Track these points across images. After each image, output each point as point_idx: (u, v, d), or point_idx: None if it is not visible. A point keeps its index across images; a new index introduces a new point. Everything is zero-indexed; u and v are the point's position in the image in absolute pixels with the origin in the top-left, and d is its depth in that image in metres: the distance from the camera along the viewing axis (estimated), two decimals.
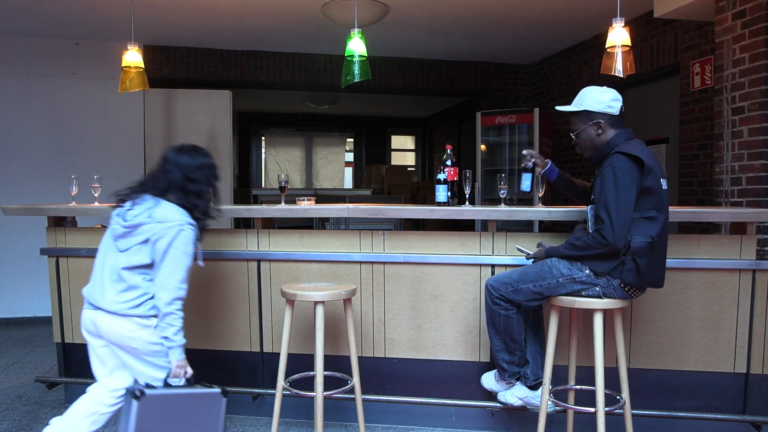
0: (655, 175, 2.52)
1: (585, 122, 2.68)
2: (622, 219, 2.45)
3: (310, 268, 3.27)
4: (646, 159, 2.49)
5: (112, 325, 2.39)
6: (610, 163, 2.52)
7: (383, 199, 7.94)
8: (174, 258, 2.36)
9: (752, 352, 3.01)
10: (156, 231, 2.37)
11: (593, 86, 2.71)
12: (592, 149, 2.70)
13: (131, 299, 2.39)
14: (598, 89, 2.68)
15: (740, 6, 3.71)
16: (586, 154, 2.76)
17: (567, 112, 2.74)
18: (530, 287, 2.67)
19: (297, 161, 12.06)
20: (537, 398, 2.80)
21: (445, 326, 3.20)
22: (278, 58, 6.75)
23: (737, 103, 3.76)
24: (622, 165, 2.49)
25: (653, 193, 2.51)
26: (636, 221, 2.50)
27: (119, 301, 2.38)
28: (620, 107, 2.66)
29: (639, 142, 2.64)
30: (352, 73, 3.50)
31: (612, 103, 2.64)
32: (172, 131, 6.15)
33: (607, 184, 2.49)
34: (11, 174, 5.70)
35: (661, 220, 2.53)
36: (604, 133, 2.65)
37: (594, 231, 2.53)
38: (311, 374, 2.78)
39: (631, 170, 2.48)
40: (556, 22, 5.48)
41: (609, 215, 2.46)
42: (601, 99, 2.64)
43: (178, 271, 2.37)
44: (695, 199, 4.62)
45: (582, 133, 2.70)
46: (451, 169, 3.31)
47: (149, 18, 5.25)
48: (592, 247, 2.53)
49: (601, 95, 2.65)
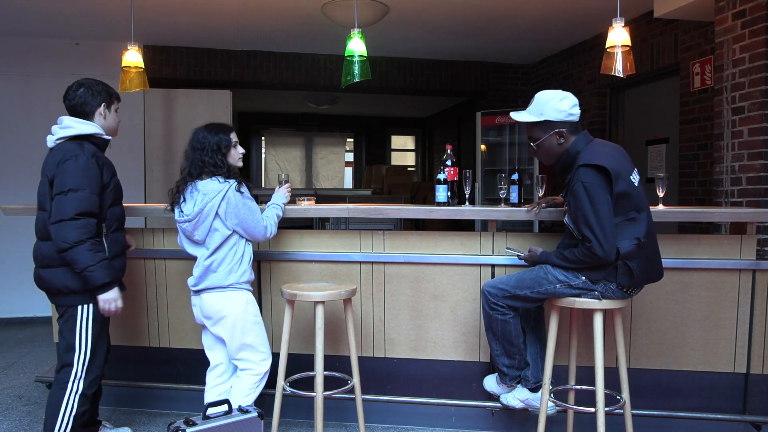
0: (624, 176, 2.47)
1: (546, 131, 2.60)
2: (607, 232, 2.42)
3: (310, 268, 3.27)
4: (610, 165, 2.43)
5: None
6: (578, 178, 2.46)
7: (383, 199, 7.93)
8: (241, 212, 2.75)
9: (752, 352, 3.01)
10: (214, 204, 2.72)
11: (549, 91, 2.63)
12: (554, 158, 2.64)
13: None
14: (556, 96, 2.59)
15: (740, 6, 3.71)
16: (548, 162, 2.69)
17: (525, 123, 2.65)
18: (527, 293, 2.65)
19: (297, 161, 12.06)
20: (538, 401, 2.80)
21: (445, 326, 3.20)
22: (278, 58, 6.75)
23: (737, 103, 3.76)
24: (590, 178, 2.43)
25: (628, 196, 2.47)
26: (619, 226, 2.47)
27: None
28: (579, 112, 2.60)
29: (600, 143, 2.60)
30: (352, 73, 3.50)
31: (573, 110, 2.57)
32: (172, 131, 6.16)
33: (581, 202, 2.44)
34: (11, 174, 5.70)
35: (643, 219, 2.50)
36: (566, 142, 2.59)
37: (583, 247, 2.49)
38: (311, 374, 2.78)
39: (600, 181, 2.43)
40: (556, 22, 5.48)
41: (593, 232, 2.42)
42: (561, 108, 2.56)
43: (252, 217, 2.78)
44: (695, 199, 4.62)
45: (543, 143, 2.62)
46: (451, 169, 3.31)
47: (149, 18, 5.25)
48: (585, 262, 2.51)
49: (560, 103, 2.57)
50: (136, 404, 3.47)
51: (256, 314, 2.88)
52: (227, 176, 2.79)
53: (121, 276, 2.78)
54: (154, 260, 3.37)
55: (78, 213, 2.50)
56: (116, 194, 2.74)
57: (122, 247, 2.80)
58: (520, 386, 2.86)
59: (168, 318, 3.40)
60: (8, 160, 5.74)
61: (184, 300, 3.37)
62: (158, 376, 3.44)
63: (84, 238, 2.50)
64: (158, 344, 3.43)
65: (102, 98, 2.74)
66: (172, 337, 3.41)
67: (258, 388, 2.86)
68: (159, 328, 3.42)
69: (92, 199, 2.55)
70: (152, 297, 3.40)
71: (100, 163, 2.63)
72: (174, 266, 3.36)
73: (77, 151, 2.58)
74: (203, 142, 2.80)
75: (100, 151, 2.72)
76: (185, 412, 3.11)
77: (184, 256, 3.34)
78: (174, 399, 3.42)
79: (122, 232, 2.80)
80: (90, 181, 2.55)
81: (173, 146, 6.15)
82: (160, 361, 3.43)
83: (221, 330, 2.83)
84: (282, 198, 3.05)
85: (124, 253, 2.82)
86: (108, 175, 2.67)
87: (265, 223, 2.85)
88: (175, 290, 3.37)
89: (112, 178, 2.70)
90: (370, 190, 8.93)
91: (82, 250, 2.50)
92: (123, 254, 2.81)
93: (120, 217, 2.78)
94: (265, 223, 2.85)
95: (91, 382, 2.65)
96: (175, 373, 3.43)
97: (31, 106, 5.83)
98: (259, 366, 2.86)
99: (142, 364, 3.44)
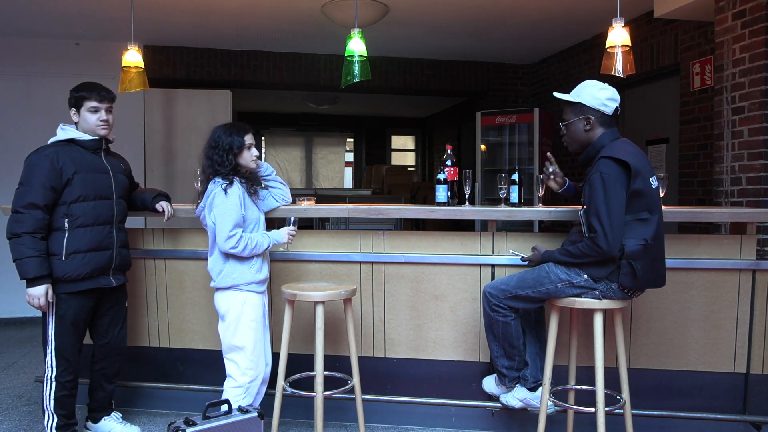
0: (644, 176, 2.48)
1: (577, 114, 2.65)
2: (614, 226, 2.43)
3: (310, 268, 3.27)
4: (632, 161, 2.45)
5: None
6: (598, 169, 2.48)
7: (383, 199, 7.93)
8: (215, 211, 2.75)
9: (752, 352, 3.01)
10: (208, 202, 2.81)
11: (595, 81, 2.68)
12: (578, 144, 2.68)
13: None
14: (598, 85, 2.64)
15: (740, 6, 3.71)
16: (572, 148, 2.73)
17: (562, 101, 2.71)
18: (529, 293, 2.66)
19: (297, 161, 12.06)
20: (536, 400, 2.80)
21: (445, 326, 3.20)
22: (278, 58, 6.75)
23: (737, 103, 3.76)
24: (609, 171, 2.45)
25: (643, 195, 2.48)
26: (629, 224, 2.48)
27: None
28: (615, 108, 2.63)
29: (626, 142, 2.62)
30: (352, 73, 3.50)
31: (608, 102, 2.61)
32: (172, 131, 6.16)
33: (596, 192, 2.46)
34: (11, 174, 5.66)
35: (654, 221, 2.50)
36: (592, 130, 2.62)
37: (587, 239, 2.50)
38: (311, 374, 2.78)
39: (619, 175, 2.45)
40: (556, 22, 5.48)
41: (601, 223, 2.43)
42: (598, 95, 2.61)
43: (221, 220, 2.74)
44: (695, 199, 4.61)
45: (571, 125, 2.67)
46: (451, 169, 3.31)
47: (149, 18, 5.25)
48: (588, 255, 2.51)
49: (599, 92, 2.62)
50: (136, 404, 3.47)
51: (254, 318, 2.83)
52: (226, 175, 2.80)
53: (88, 270, 2.77)
54: (154, 260, 3.37)
55: (21, 206, 2.67)
56: (84, 190, 2.77)
57: (93, 242, 2.79)
58: (519, 386, 2.86)
59: (168, 318, 3.40)
60: (8, 160, 5.72)
61: (184, 300, 3.37)
62: (158, 376, 3.44)
63: (19, 232, 2.66)
64: (158, 344, 3.43)
65: (70, 104, 2.88)
66: (172, 337, 3.41)
67: (244, 401, 2.80)
68: (159, 328, 3.42)
69: (37, 192, 2.67)
70: (152, 297, 3.40)
71: (61, 161, 2.73)
72: (174, 266, 3.36)
73: (36, 151, 2.78)
74: (217, 141, 2.83)
75: (90, 152, 2.86)
76: (185, 412, 3.11)
77: (184, 256, 3.34)
78: (174, 399, 3.42)
79: (92, 228, 2.79)
80: (36, 177, 2.69)
81: (173, 146, 6.15)
82: (160, 361, 3.43)
83: (219, 328, 2.85)
84: (279, 237, 2.88)
85: (99, 249, 2.82)
86: (71, 171, 2.74)
87: (235, 235, 2.72)
88: (175, 290, 3.37)
89: (76, 174, 2.75)
90: (370, 190, 8.94)
91: (14, 242, 2.67)
92: (97, 250, 2.81)
93: (89, 213, 2.79)
94: (237, 236, 2.73)
95: (63, 371, 2.79)
96: (175, 373, 3.43)
97: (31, 106, 5.83)
98: (241, 375, 2.81)
99: (142, 364, 3.44)
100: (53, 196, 2.71)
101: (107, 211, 2.86)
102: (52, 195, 2.70)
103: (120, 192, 2.93)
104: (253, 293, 2.85)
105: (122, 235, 2.96)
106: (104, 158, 2.91)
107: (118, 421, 3.08)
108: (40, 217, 2.67)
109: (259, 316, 2.87)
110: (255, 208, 2.90)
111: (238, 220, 2.76)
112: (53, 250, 2.72)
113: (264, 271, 2.88)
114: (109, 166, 2.90)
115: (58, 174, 2.71)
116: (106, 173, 2.87)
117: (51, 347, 2.78)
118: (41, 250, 2.67)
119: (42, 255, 2.67)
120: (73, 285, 2.76)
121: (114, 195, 2.89)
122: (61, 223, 2.74)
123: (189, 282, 3.35)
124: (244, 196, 2.82)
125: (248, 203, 2.85)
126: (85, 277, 2.77)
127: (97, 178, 2.83)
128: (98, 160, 2.87)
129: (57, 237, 2.73)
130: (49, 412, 2.78)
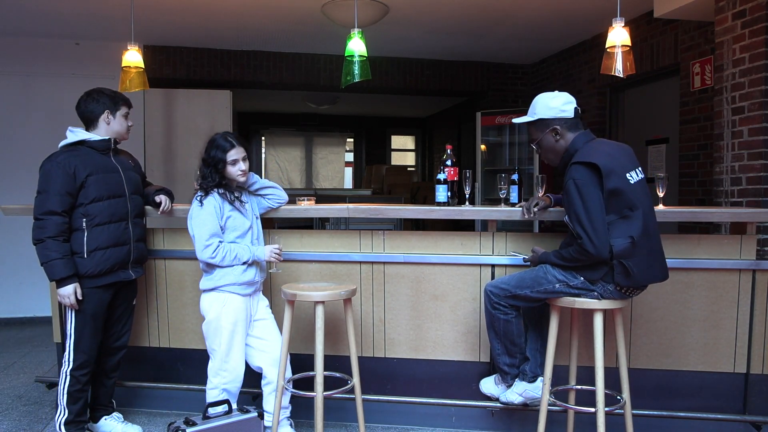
0: (618, 173, 2.47)
1: (542, 130, 2.66)
2: (597, 229, 2.43)
3: (310, 268, 3.27)
4: (602, 162, 2.44)
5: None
6: (570, 175, 2.49)
7: (383, 199, 7.94)
8: (190, 222, 2.84)
9: (752, 352, 3.01)
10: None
11: (545, 93, 2.69)
12: (557, 156, 2.68)
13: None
14: (548, 95, 2.66)
15: (740, 6, 3.71)
16: (554, 163, 2.73)
17: (525, 124, 2.73)
18: (528, 293, 2.67)
19: (297, 161, 12.06)
20: (537, 390, 2.80)
21: (445, 326, 3.20)
22: (278, 58, 6.75)
23: (737, 103, 3.76)
24: (580, 175, 2.46)
25: (620, 193, 2.46)
26: (613, 224, 2.47)
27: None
28: (574, 109, 2.63)
29: (600, 142, 2.62)
30: (352, 73, 3.50)
31: (564, 106, 2.61)
32: (172, 131, 6.15)
33: (572, 198, 2.47)
34: (11, 174, 5.69)
35: (638, 217, 2.48)
36: (562, 138, 2.63)
37: (576, 245, 2.51)
38: (311, 374, 2.78)
39: (590, 178, 2.45)
40: (556, 22, 5.48)
41: (584, 229, 2.44)
42: (552, 105, 2.62)
43: (197, 231, 2.80)
44: (695, 199, 4.62)
45: (542, 141, 2.68)
46: (451, 169, 3.31)
47: (149, 18, 5.25)
48: (578, 259, 2.52)
49: (552, 101, 2.63)
50: (136, 404, 3.47)
51: (233, 321, 2.84)
52: (207, 188, 2.85)
53: (108, 266, 2.87)
54: (154, 260, 3.37)
55: (41, 213, 2.77)
56: (98, 191, 2.86)
57: (111, 239, 2.89)
58: (518, 380, 2.87)
59: (168, 318, 3.40)
60: (8, 160, 5.74)
61: (184, 300, 3.37)
62: (158, 376, 3.44)
63: (43, 237, 2.75)
64: (158, 344, 3.43)
65: (105, 106, 2.96)
66: (172, 337, 3.41)
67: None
68: (159, 328, 3.42)
69: (54, 199, 2.76)
70: (152, 297, 3.40)
71: (72, 166, 2.81)
72: (174, 266, 3.36)
73: (48, 159, 2.86)
74: (209, 153, 2.87)
75: (99, 153, 2.93)
76: (185, 412, 3.11)
77: (184, 256, 3.34)
78: (174, 399, 3.42)
79: (108, 225, 2.88)
80: (52, 185, 2.77)
81: (173, 146, 6.14)
82: (160, 361, 3.43)
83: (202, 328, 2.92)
84: (261, 253, 2.88)
85: (117, 245, 2.91)
86: (84, 175, 2.82)
87: (211, 245, 2.78)
88: (175, 290, 3.37)
89: (89, 177, 2.84)
90: (370, 190, 8.94)
91: (40, 247, 2.77)
92: (115, 246, 2.90)
93: (104, 212, 2.88)
94: (213, 245, 2.78)
95: (79, 365, 2.85)
96: (175, 373, 3.43)
97: (31, 106, 5.82)
98: (213, 376, 2.85)
99: (142, 364, 3.44)
100: (70, 200, 2.81)
101: (122, 208, 2.95)
102: (69, 200, 2.80)
103: (132, 188, 3.02)
104: (236, 295, 2.85)
105: (138, 229, 3.04)
106: (113, 158, 2.99)
107: (119, 421, 3.09)
108: (59, 221, 2.78)
109: (241, 319, 2.87)
110: (239, 215, 2.89)
111: (214, 230, 2.80)
112: (75, 249, 2.83)
113: (250, 272, 2.88)
114: (118, 165, 2.99)
115: (71, 179, 2.80)
116: (116, 172, 2.96)
117: (70, 341, 2.86)
118: (65, 252, 2.78)
119: (66, 256, 2.78)
120: (96, 280, 2.86)
121: (126, 192, 2.98)
122: (79, 223, 2.83)
123: (189, 282, 3.35)
124: (223, 206, 2.84)
125: (229, 212, 2.85)
126: (106, 272, 2.88)
127: (108, 178, 2.92)
128: (108, 161, 2.96)
129: (77, 236, 2.83)
130: (62, 406, 2.84)
